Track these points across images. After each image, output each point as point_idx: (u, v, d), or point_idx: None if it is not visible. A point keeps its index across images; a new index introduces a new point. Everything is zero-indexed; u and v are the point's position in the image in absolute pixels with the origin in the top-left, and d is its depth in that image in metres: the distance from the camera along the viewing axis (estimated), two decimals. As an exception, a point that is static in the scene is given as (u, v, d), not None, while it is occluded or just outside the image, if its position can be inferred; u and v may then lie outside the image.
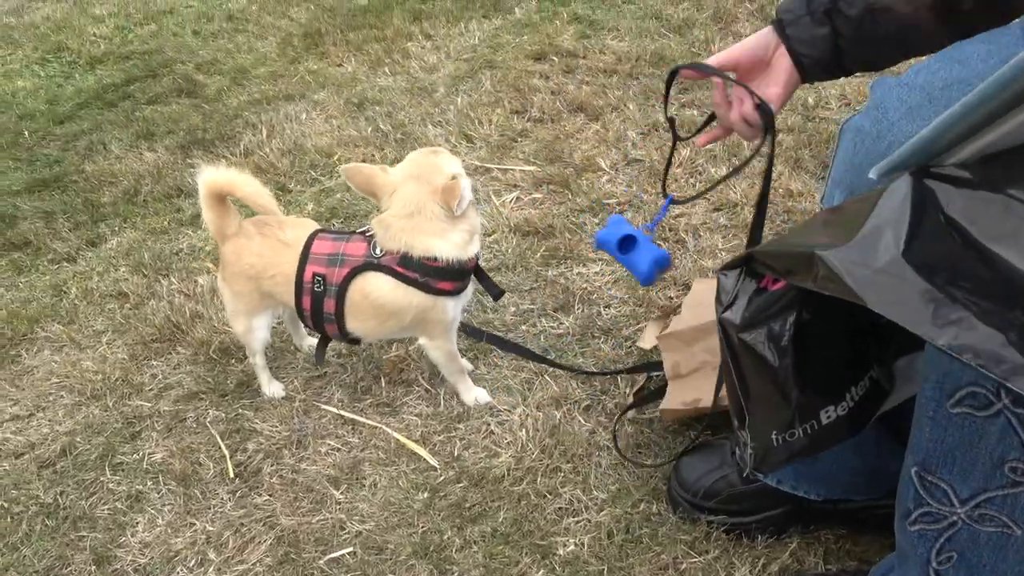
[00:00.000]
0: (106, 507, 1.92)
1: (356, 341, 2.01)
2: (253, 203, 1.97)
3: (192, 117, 3.38)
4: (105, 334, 2.38)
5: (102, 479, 1.98)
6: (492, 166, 2.87)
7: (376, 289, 1.87)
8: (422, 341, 1.99)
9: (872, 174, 1.01)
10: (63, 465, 2.03)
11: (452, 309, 1.94)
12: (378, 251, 1.86)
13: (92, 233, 2.80)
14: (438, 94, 3.34)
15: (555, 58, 3.48)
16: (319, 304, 1.89)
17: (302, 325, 2.23)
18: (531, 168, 2.83)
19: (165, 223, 2.81)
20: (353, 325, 1.92)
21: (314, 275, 1.88)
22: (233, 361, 2.24)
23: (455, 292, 1.92)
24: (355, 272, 1.87)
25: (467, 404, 2.05)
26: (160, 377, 2.23)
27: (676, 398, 1.87)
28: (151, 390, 2.20)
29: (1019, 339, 0.81)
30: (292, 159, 3.03)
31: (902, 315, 0.86)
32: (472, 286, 2.01)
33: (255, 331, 2.04)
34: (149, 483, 1.96)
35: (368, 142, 3.07)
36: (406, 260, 1.85)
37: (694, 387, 1.86)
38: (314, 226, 1.98)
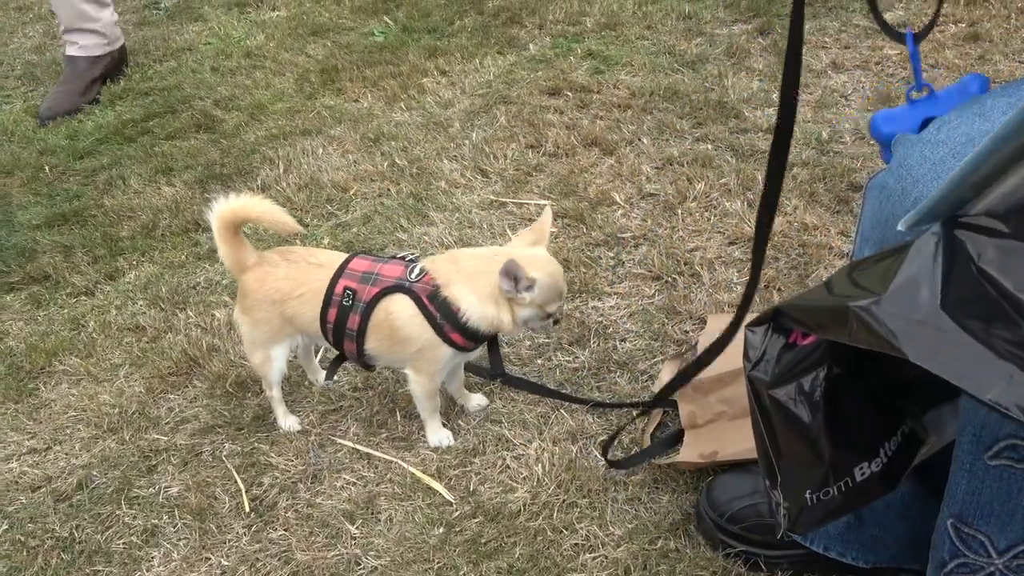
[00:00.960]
0: (122, 541, 1.92)
1: (370, 367, 2.01)
2: (269, 222, 1.99)
3: (210, 152, 3.42)
4: (122, 367, 2.39)
5: (118, 513, 1.98)
6: (507, 200, 2.88)
7: (398, 311, 1.87)
8: (407, 371, 1.98)
9: (900, 226, 1.00)
10: (79, 498, 2.03)
11: (450, 360, 1.95)
12: (413, 275, 1.88)
13: (110, 267, 2.82)
14: (453, 129, 3.36)
15: (569, 93, 3.51)
16: (343, 318, 1.89)
17: (315, 359, 2.24)
18: (546, 202, 2.84)
19: (183, 257, 2.83)
20: (371, 344, 1.92)
21: (345, 289, 1.88)
22: (249, 395, 2.25)
23: (462, 348, 1.93)
24: (385, 292, 1.88)
25: (431, 444, 2.05)
26: (177, 410, 2.24)
27: (693, 450, 1.86)
28: (167, 423, 2.20)
29: None
30: (308, 193, 3.05)
31: (945, 368, 0.83)
32: (480, 349, 2.02)
33: (273, 361, 2.04)
34: (165, 517, 1.96)
35: (384, 176, 3.09)
36: (435, 294, 1.86)
37: (711, 439, 1.86)
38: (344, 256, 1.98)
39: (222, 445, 2.12)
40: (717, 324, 2.16)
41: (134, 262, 2.84)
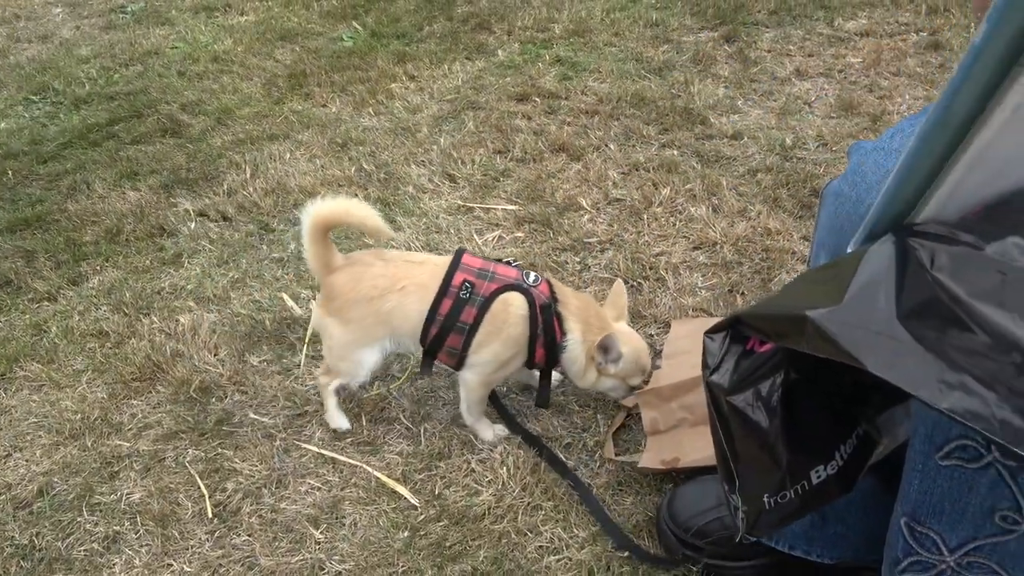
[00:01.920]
0: (83, 548, 1.90)
1: (458, 365, 1.99)
2: (369, 228, 1.95)
3: (176, 157, 3.40)
4: (85, 373, 2.37)
5: (79, 520, 1.96)
6: (474, 205, 2.89)
7: (516, 307, 1.89)
8: (468, 373, 1.98)
9: (850, 249, 1.02)
10: (39, 506, 2.01)
11: (515, 370, 2.00)
12: (530, 280, 1.91)
13: (73, 272, 2.79)
14: (421, 134, 3.37)
15: (537, 99, 3.53)
16: (457, 311, 1.89)
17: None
18: (513, 207, 2.86)
19: (147, 262, 2.80)
20: (479, 338, 1.91)
21: (464, 281, 1.88)
22: (213, 400, 2.23)
23: (535, 365, 1.97)
24: (505, 288, 1.89)
25: (488, 441, 2.04)
26: (139, 416, 2.22)
27: (655, 456, 1.87)
28: (130, 429, 2.18)
29: (1015, 401, 0.81)
30: (276, 198, 3.04)
31: (902, 378, 0.84)
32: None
33: (363, 365, 2.00)
34: (127, 523, 1.94)
35: (352, 182, 3.09)
36: (548, 307, 1.89)
37: (672, 445, 1.87)
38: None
39: (185, 451, 2.10)
40: (682, 329, 2.18)
41: (98, 267, 2.81)
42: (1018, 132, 0.83)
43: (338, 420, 2.10)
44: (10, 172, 3.40)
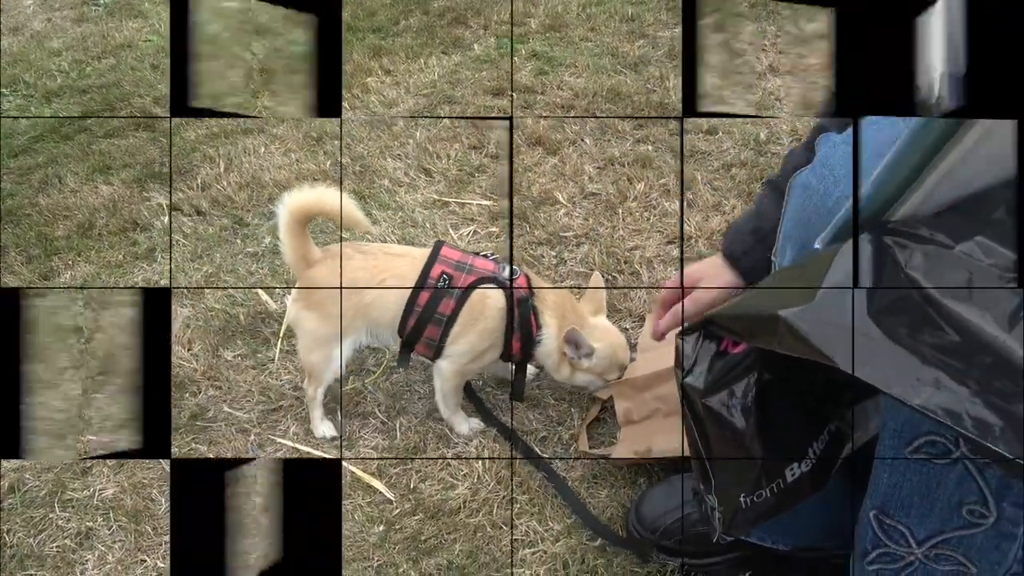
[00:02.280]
0: (55, 544, 1.89)
1: (435, 356, 1.99)
2: (344, 217, 1.94)
3: (149, 151, 3.37)
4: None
5: (51, 516, 1.95)
6: (450, 200, 2.89)
7: (493, 300, 1.91)
8: (443, 363, 1.98)
9: (817, 244, 1.03)
10: (11, 502, 1.99)
11: (491, 362, 2.00)
12: (506, 274, 1.92)
13: (45, 267, 2.76)
14: (397, 128, 3.36)
15: (513, 93, 3.53)
16: (435, 303, 1.90)
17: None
18: (488, 202, 2.86)
19: (120, 256, 2.78)
20: (456, 329, 1.92)
21: (442, 273, 1.90)
22: (187, 395, 2.22)
23: (511, 358, 1.98)
24: (482, 281, 1.90)
25: (463, 434, 2.04)
26: (113, 412, 2.20)
27: (628, 446, 1.89)
28: (103, 425, 2.16)
29: (987, 396, 0.82)
30: (250, 193, 3.02)
31: (874, 376, 0.85)
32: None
33: (332, 361, 1.99)
34: (100, 519, 1.93)
35: (327, 175, 3.08)
36: (524, 301, 1.91)
37: (646, 435, 1.88)
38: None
39: (159, 446, 2.09)
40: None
41: (70, 262, 2.78)
42: (995, 137, 0.84)
43: (323, 429, 2.10)
44: (-20, 166, 3.37)
